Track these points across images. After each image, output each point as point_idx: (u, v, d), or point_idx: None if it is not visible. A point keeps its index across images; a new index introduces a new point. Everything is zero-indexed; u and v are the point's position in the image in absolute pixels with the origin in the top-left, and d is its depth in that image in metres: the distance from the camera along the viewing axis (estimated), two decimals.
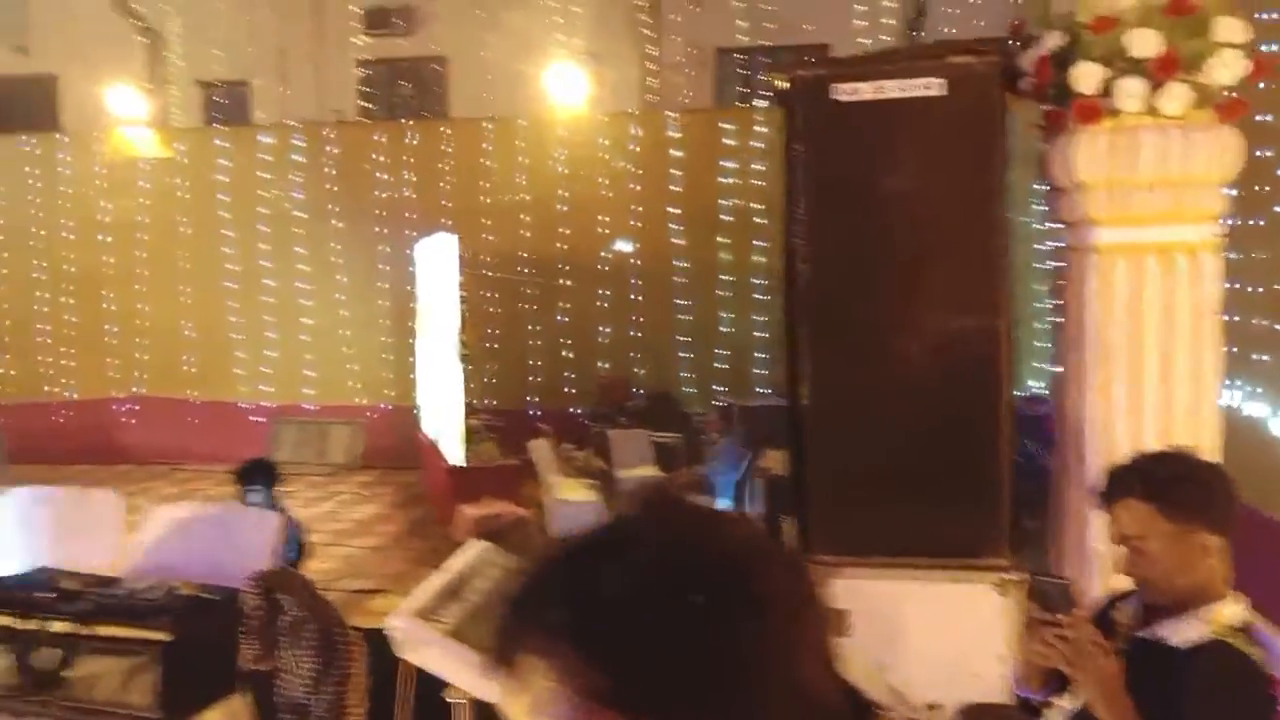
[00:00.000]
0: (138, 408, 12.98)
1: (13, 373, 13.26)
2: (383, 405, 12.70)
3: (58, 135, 14.08)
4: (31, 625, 2.87)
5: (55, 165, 13.27)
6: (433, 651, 1.75)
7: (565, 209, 12.27)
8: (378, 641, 2.87)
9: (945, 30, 13.80)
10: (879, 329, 3.33)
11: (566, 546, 0.73)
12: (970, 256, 3.22)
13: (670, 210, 12.11)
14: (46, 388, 12.99)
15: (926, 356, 3.23)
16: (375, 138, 12.78)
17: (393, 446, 12.26)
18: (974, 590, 2.91)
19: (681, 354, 12.22)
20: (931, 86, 3.08)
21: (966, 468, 3.26)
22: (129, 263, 13.04)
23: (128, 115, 13.35)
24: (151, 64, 15.41)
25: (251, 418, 12.68)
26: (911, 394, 3.23)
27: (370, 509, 10.60)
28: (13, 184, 13.25)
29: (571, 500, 8.81)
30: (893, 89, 3.07)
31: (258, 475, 5.22)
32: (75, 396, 13.00)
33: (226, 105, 15.26)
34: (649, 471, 10.10)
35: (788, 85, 3.29)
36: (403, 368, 12.39)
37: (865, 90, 3.06)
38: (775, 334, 11.76)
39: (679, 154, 12.19)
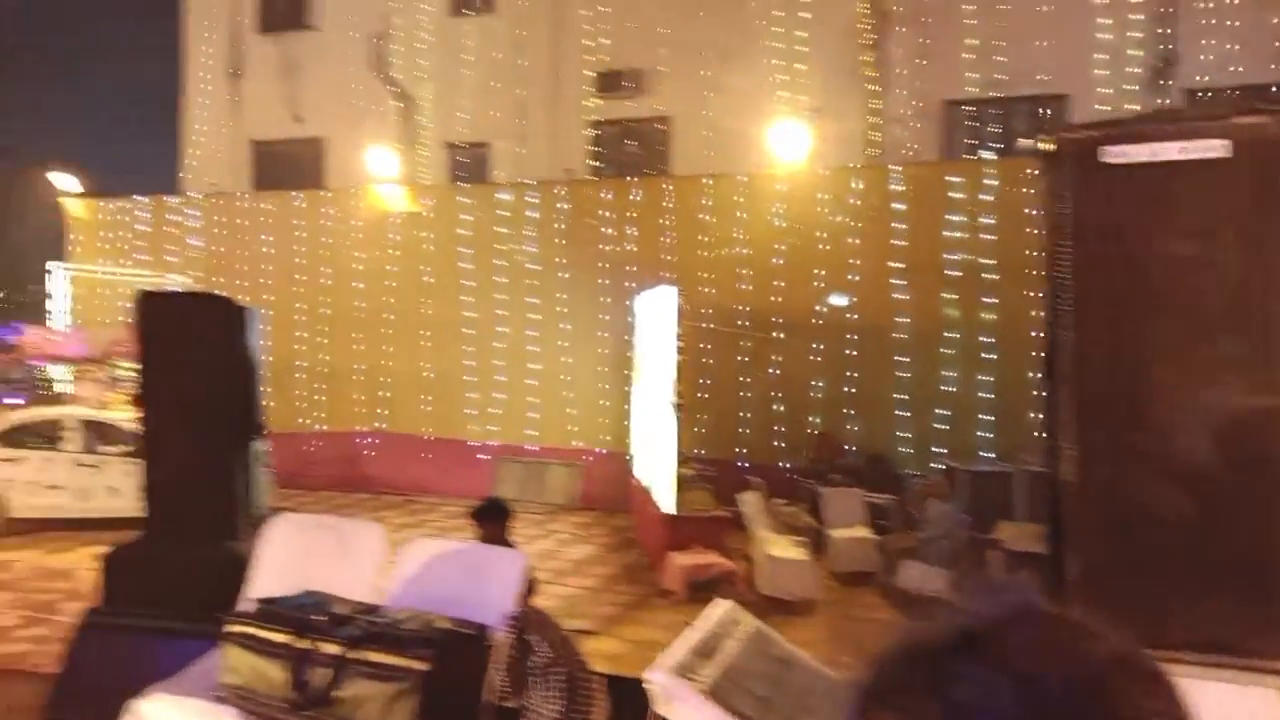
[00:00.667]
0: (378, 441, 14.01)
1: (272, 404, 14.65)
2: (598, 449, 13.07)
3: (323, 192, 15.58)
4: (306, 644, 3.09)
5: (319, 219, 14.65)
6: (688, 709, 1.78)
7: (782, 263, 12.29)
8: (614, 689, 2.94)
9: (1199, 78, 12.90)
10: (1149, 402, 3.10)
11: (931, 637, 0.73)
12: (1254, 331, 2.95)
13: (892, 265, 11.86)
14: (300, 419, 14.23)
15: (1202, 434, 2.97)
16: (602, 194, 13.32)
17: (607, 490, 12.58)
18: (1256, 694, 2.62)
19: (898, 412, 11.85)
20: (1215, 149, 2.86)
21: (1246, 558, 2.95)
22: (377, 308, 14.16)
23: (382, 174, 14.60)
24: (405, 127, 16.85)
25: (478, 455, 13.39)
26: (1184, 474, 2.98)
27: (585, 550, 10.87)
28: (283, 234, 14.74)
29: (781, 556, 8.69)
30: (1171, 151, 2.88)
31: (492, 513, 5.51)
32: (325, 429, 14.16)
33: (469, 164, 16.44)
34: (861, 533, 9.83)
35: (1052, 146, 3.16)
36: (618, 414, 12.73)
37: (1139, 153, 2.88)
38: (1003, 396, 11.20)
39: (902, 208, 11.94)
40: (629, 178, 13.67)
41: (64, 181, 15.97)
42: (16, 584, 9.20)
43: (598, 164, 15.80)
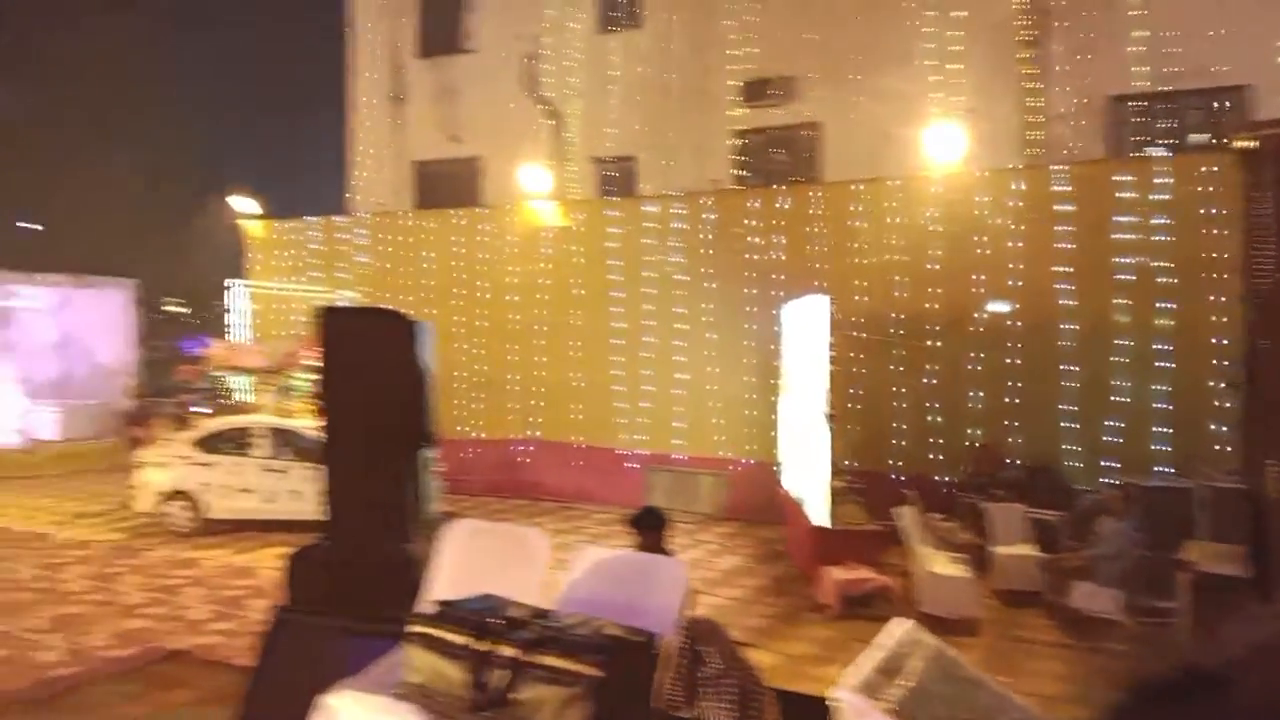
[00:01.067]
0: (532, 449, 14.40)
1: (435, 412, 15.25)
2: (744, 460, 13.02)
3: (479, 209, 16.17)
4: (485, 647, 3.19)
5: (476, 235, 15.20)
6: None
7: (938, 269, 11.94)
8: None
9: None
10: None
11: (1170, 679, 0.70)
12: None
13: (1056, 269, 11.34)
14: (459, 427, 14.77)
15: None
16: (749, 203, 13.28)
17: (753, 500, 12.51)
18: None
19: (1065, 423, 11.30)
20: None
21: None
22: (530, 320, 14.58)
23: (534, 190, 15.02)
24: (555, 144, 17.29)
25: (627, 464, 13.57)
26: None
27: (733, 560, 10.85)
28: (442, 251, 15.37)
29: (941, 573, 8.43)
30: None
31: (650, 521, 5.59)
32: (481, 436, 14.66)
33: (616, 178, 16.74)
34: (1027, 550, 9.41)
35: (1253, 144, 2.96)
36: (764, 424, 12.64)
37: None
38: (1180, 405, 10.55)
39: (1067, 209, 11.41)
40: (776, 186, 13.58)
41: (243, 205, 17.13)
42: (206, 580, 9.93)
43: (744, 173, 15.78)
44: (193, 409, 14.26)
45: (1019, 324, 11.56)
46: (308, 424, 11.95)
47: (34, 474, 16.79)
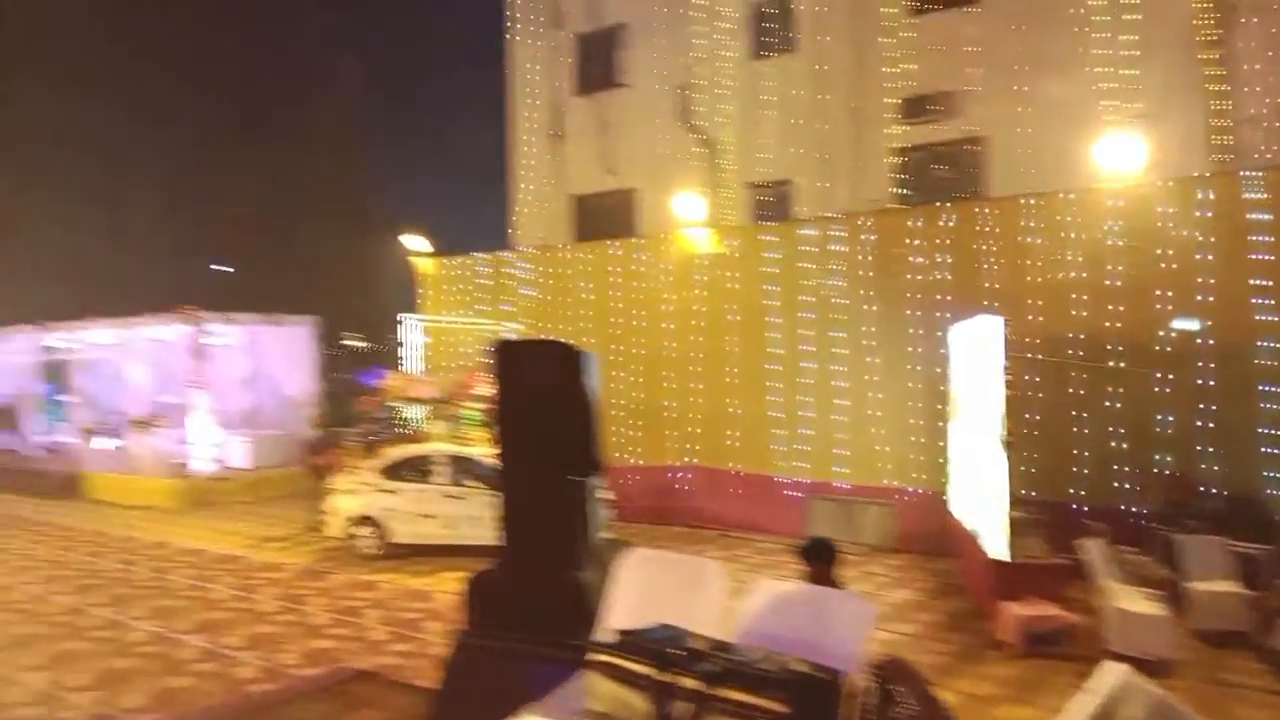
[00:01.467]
0: (690, 476, 14.41)
1: None
2: (912, 489, 12.59)
3: (635, 239, 16.41)
4: (667, 678, 3.18)
5: (632, 264, 15.42)
6: None
7: (1119, 285, 11.25)
8: None
9: None
10: None
11: None
12: None
13: (1252, 282, 10.50)
14: (618, 454, 14.94)
15: None
16: (910, 223, 12.92)
17: (923, 531, 12.07)
18: None
19: (1266, 449, 10.40)
20: None
21: None
22: (686, 347, 14.64)
23: (689, 218, 15.13)
24: (709, 172, 17.41)
25: (787, 492, 13.37)
26: None
27: (904, 594, 10.48)
28: (600, 281, 15.66)
29: (1134, 611, 7.87)
30: None
31: (820, 553, 5.48)
32: (640, 463, 14.78)
33: (772, 203, 16.68)
34: (1228, 586, 8.68)
35: None
36: (933, 451, 12.20)
37: None
38: None
39: (1262, 218, 10.56)
40: (939, 204, 13.18)
41: (414, 243, 18.00)
42: (385, 603, 10.38)
43: (904, 192, 15.40)
44: (374, 438, 14.96)
45: (1211, 342, 10.74)
46: (485, 452, 12.33)
47: (227, 500, 18.07)
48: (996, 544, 8.92)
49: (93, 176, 37.01)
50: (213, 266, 36.85)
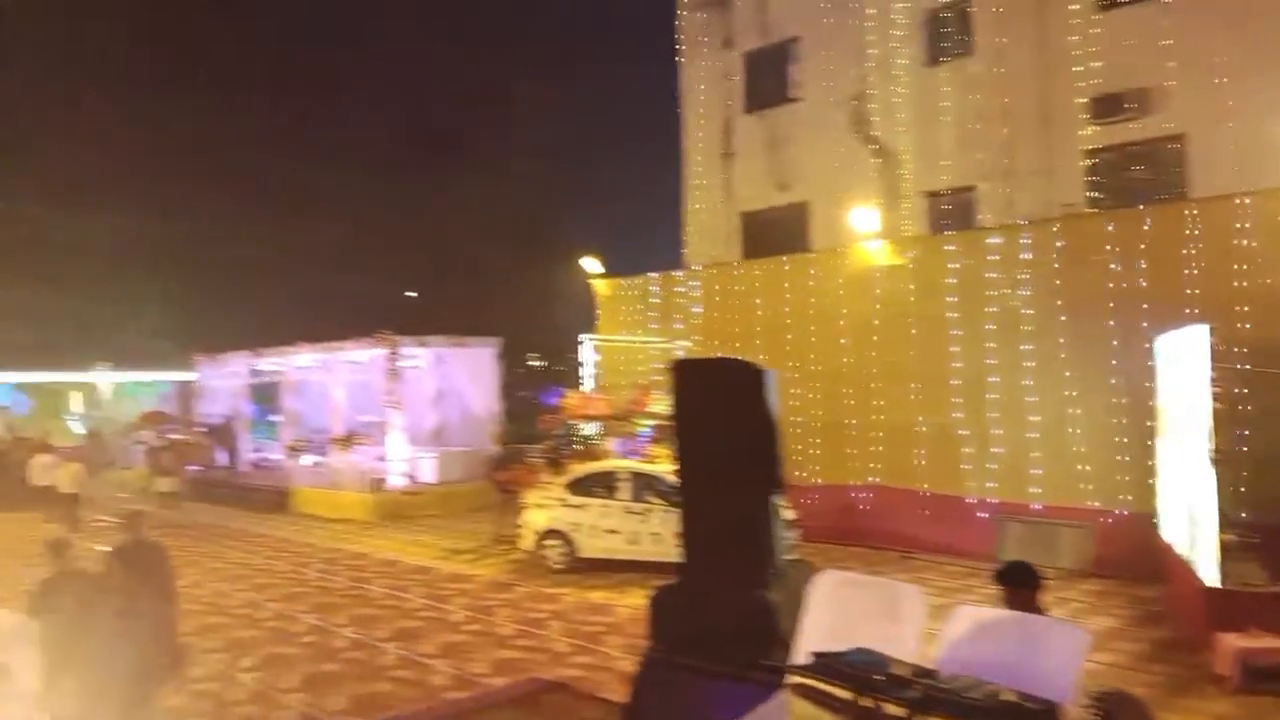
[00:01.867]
0: (872, 495, 14.03)
1: None
2: (1117, 510, 11.78)
3: (808, 254, 16.21)
4: (868, 703, 3.10)
5: (805, 279, 15.22)
6: None
7: None
8: None
9: None
10: None
11: None
12: None
13: None
14: (797, 472, 14.74)
15: None
16: (1106, 228, 12.15)
17: (1127, 555, 11.27)
18: None
19: None
20: None
21: None
22: (864, 363, 14.29)
23: (864, 231, 14.81)
24: (884, 182, 17.02)
25: (977, 513, 12.80)
26: None
27: (1106, 621, 9.81)
28: (773, 297, 15.54)
29: None
30: None
31: (1023, 578, 5.17)
32: (819, 482, 14.51)
33: (952, 211, 16.11)
34: None
35: None
36: (1140, 471, 11.38)
37: None
38: None
39: None
40: (1138, 206, 12.33)
41: (591, 265, 18.45)
42: (566, 615, 10.63)
43: (1097, 195, 14.53)
44: (557, 455, 15.39)
45: None
46: (666, 469, 12.44)
47: (418, 513, 19.00)
48: (1208, 570, 8.23)
49: (291, 212, 40.16)
50: (405, 294, 39.11)
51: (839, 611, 3.96)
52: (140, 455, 23.91)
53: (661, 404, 15.06)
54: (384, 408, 19.91)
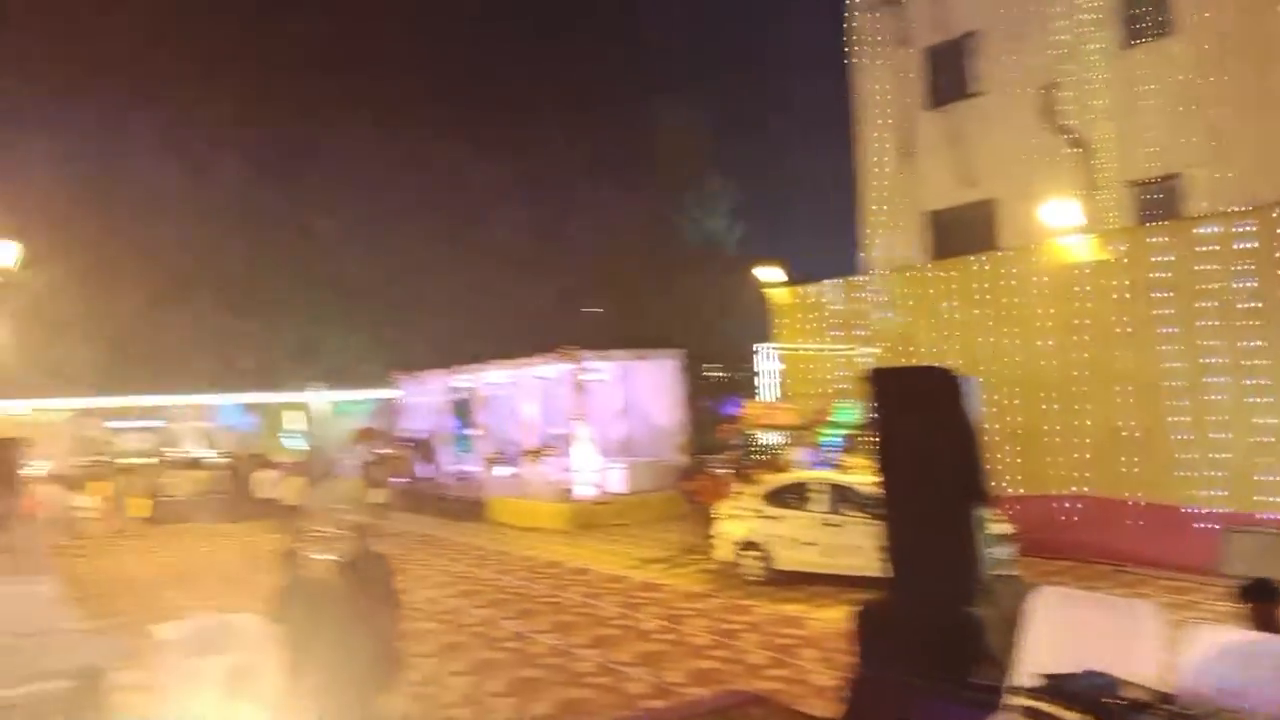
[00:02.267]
0: (1079, 505, 13.24)
1: None
2: None
3: (1001, 252, 15.50)
4: None
5: (999, 279, 14.57)
6: None
7: None
8: None
9: None
10: None
11: None
12: None
13: None
14: (995, 482, 14.08)
15: None
16: None
17: None
18: None
19: None
20: None
21: None
22: (1067, 364, 13.52)
23: (1060, 225, 14.04)
24: (1080, 173, 16.09)
25: (1197, 524, 11.85)
26: None
27: None
28: (965, 299, 14.95)
29: None
30: None
31: (1270, 595, 4.79)
32: (1019, 492, 13.83)
33: (1158, 200, 15.05)
34: None
35: None
36: None
37: None
38: None
39: None
40: None
41: (767, 274, 18.38)
42: (760, 627, 10.60)
43: None
44: (743, 465, 15.35)
45: None
46: (864, 480, 12.12)
47: (607, 522, 19.44)
48: None
49: (478, 234, 42.06)
50: (584, 310, 40.13)
51: (1064, 630, 3.80)
52: (354, 469, 25.64)
53: (844, 413, 14.78)
54: (571, 420, 20.51)
